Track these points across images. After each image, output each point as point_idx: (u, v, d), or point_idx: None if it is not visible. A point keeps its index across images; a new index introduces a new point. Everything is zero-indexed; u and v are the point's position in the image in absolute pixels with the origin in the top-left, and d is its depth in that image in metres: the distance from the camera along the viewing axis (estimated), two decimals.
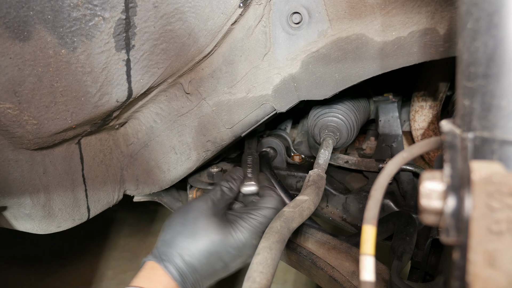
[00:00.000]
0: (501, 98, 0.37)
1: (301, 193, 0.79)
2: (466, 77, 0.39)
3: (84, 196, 0.92)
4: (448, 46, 0.68)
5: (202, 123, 0.92)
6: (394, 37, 0.72)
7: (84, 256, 2.26)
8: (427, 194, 0.40)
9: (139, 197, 1.26)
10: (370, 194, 0.49)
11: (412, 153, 0.49)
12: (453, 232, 0.38)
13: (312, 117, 1.06)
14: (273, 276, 0.59)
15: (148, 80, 0.80)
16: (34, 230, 0.89)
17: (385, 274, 0.87)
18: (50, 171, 0.83)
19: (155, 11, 0.72)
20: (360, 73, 0.77)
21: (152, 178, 1.02)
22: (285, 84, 0.83)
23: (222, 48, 0.83)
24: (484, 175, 0.35)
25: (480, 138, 0.38)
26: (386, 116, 1.10)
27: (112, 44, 0.71)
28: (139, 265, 0.76)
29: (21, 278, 2.12)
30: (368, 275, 0.46)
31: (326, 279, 0.91)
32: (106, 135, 0.95)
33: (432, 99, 1.06)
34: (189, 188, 1.25)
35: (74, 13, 0.66)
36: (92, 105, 0.77)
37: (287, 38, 0.80)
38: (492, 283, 0.35)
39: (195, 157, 0.97)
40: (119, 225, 2.51)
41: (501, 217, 0.34)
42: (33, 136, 0.73)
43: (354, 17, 0.73)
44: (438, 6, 0.67)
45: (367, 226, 0.48)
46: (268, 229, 0.66)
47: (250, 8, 0.78)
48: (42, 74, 0.68)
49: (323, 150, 0.94)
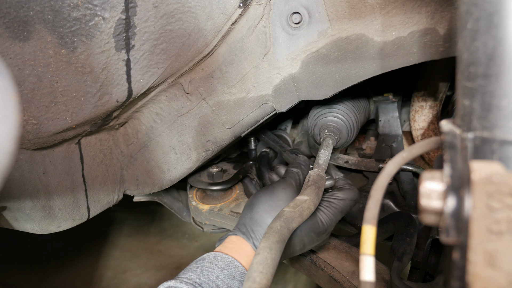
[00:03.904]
0: (501, 98, 0.37)
1: (301, 193, 0.79)
2: (466, 77, 0.39)
3: (84, 196, 0.92)
4: (448, 46, 0.68)
5: (202, 123, 0.92)
6: (394, 37, 0.72)
7: (84, 256, 2.26)
8: (427, 194, 0.40)
9: (139, 197, 1.26)
10: (370, 194, 0.49)
11: (412, 153, 0.49)
12: (453, 232, 0.37)
13: (312, 117, 1.06)
14: (273, 276, 0.59)
15: (148, 80, 0.80)
16: (34, 230, 0.89)
17: (385, 274, 0.87)
18: (50, 171, 0.83)
19: (155, 11, 0.72)
20: (360, 73, 0.77)
21: (152, 178, 1.02)
22: (285, 84, 0.83)
23: (222, 48, 0.83)
24: (484, 175, 0.35)
25: (480, 138, 0.38)
26: (386, 116, 1.10)
27: (112, 44, 0.71)
28: (220, 237, 0.80)
29: (21, 278, 2.12)
30: (368, 275, 0.46)
31: (326, 279, 0.91)
32: (106, 135, 0.95)
33: (432, 99, 1.06)
34: (189, 188, 1.25)
35: (74, 13, 0.66)
36: (92, 105, 0.77)
37: (287, 38, 0.80)
38: (492, 283, 0.35)
39: (195, 157, 0.96)
40: (119, 225, 2.51)
41: (501, 217, 0.34)
42: (33, 136, 0.73)
43: (354, 17, 0.73)
44: (438, 6, 0.67)
45: (367, 226, 0.48)
46: (268, 229, 0.65)
47: (250, 8, 0.78)
48: (42, 74, 0.68)
49: (323, 150, 0.94)
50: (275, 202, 0.79)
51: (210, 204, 1.17)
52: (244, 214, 0.81)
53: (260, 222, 0.77)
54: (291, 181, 0.83)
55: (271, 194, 0.80)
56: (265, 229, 0.75)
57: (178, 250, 2.29)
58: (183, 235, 2.42)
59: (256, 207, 0.79)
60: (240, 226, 0.80)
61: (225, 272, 0.70)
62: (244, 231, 0.78)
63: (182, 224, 2.48)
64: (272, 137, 1.19)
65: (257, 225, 0.77)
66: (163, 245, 2.34)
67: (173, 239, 2.39)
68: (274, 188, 0.82)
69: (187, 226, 2.46)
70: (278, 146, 1.14)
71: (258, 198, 0.81)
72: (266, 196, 0.80)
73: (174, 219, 2.52)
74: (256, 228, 0.77)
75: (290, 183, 0.83)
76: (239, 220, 0.81)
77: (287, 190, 0.80)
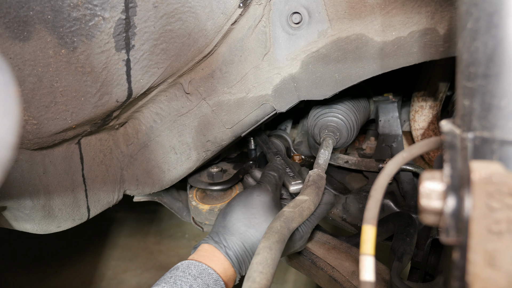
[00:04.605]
0: (501, 98, 0.37)
1: (301, 193, 0.79)
2: (466, 77, 0.39)
3: (84, 196, 0.92)
4: (448, 46, 0.68)
5: (202, 123, 0.92)
6: (394, 37, 0.72)
7: (84, 256, 2.26)
8: (427, 194, 0.40)
9: (139, 197, 1.26)
10: (370, 194, 0.49)
11: (412, 153, 0.49)
12: (453, 232, 0.37)
13: (312, 117, 1.06)
14: (273, 276, 0.59)
15: (148, 80, 0.80)
16: (34, 230, 0.89)
17: (385, 274, 0.87)
18: (50, 171, 0.83)
19: (155, 11, 0.72)
20: (360, 73, 0.77)
21: (152, 178, 1.02)
22: (285, 84, 0.83)
23: (222, 48, 0.83)
24: (484, 175, 0.35)
25: (480, 138, 0.38)
26: (386, 116, 1.10)
27: (112, 44, 0.71)
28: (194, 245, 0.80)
29: (21, 278, 2.12)
30: (368, 275, 0.46)
31: (326, 279, 0.91)
32: (106, 135, 0.95)
33: (432, 99, 1.06)
34: (189, 188, 1.25)
35: (74, 13, 0.66)
36: (92, 105, 0.77)
37: (287, 38, 0.80)
38: (492, 283, 0.35)
39: (195, 157, 0.96)
40: (119, 225, 2.51)
41: (501, 217, 0.34)
42: (33, 136, 0.73)
43: (354, 17, 0.73)
44: (438, 6, 0.67)
45: (367, 226, 0.48)
46: (268, 229, 0.66)
47: (250, 8, 0.78)
48: (42, 74, 0.68)
49: (323, 150, 0.94)
50: (248, 210, 0.78)
51: (210, 204, 1.17)
52: (218, 222, 0.80)
53: (232, 230, 0.77)
54: (267, 186, 0.83)
55: (244, 201, 0.80)
56: (238, 237, 0.76)
57: (178, 250, 2.29)
58: (183, 235, 2.42)
59: (229, 215, 0.79)
60: (213, 234, 0.79)
61: (198, 281, 0.69)
62: (216, 240, 0.77)
63: (182, 224, 2.48)
64: (263, 138, 1.19)
65: (230, 234, 0.76)
66: (163, 245, 2.34)
67: (173, 239, 2.39)
68: (248, 195, 0.81)
69: (187, 226, 2.46)
70: (265, 147, 1.14)
71: (231, 206, 0.80)
72: (240, 204, 0.80)
73: (174, 219, 2.52)
74: (228, 237, 0.76)
75: (266, 188, 0.82)
76: (213, 228, 0.81)
77: (261, 197, 0.80)
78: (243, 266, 0.77)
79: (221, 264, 0.74)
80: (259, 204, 0.79)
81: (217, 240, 0.77)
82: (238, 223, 0.77)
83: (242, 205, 0.79)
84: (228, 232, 0.77)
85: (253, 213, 0.78)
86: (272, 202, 0.80)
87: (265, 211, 0.78)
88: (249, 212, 0.78)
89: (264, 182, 0.84)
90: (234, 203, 0.81)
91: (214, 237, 0.78)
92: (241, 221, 0.77)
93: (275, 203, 0.81)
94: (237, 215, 0.78)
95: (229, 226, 0.78)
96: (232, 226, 0.77)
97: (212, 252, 0.76)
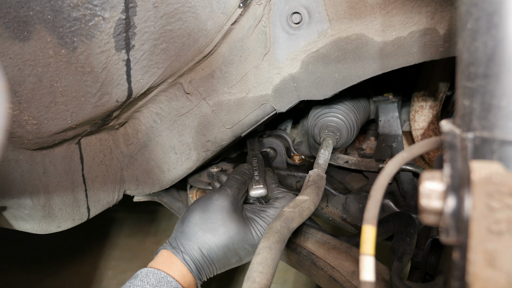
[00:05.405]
0: (501, 98, 0.37)
1: (301, 193, 0.79)
2: (466, 77, 0.39)
3: (84, 196, 0.92)
4: (448, 46, 0.68)
5: (202, 123, 0.92)
6: (394, 37, 0.72)
7: (84, 256, 2.26)
8: (427, 194, 0.40)
9: (139, 197, 1.27)
10: (370, 194, 0.49)
11: (412, 153, 0.49)
12: (453, 232, 0.37)
13: (312, 117, 1.06)
14: (273, 276, 0.59)
15: (148, 80, 0.80)
16: (34, 230, 0.89)
17: (385, 274, 0.87)
18: (50, 171, 0.83)
19: (155, 11, 0.72)
20: (360, 73, 0.77)
21: (152, 178, 1.02)
22: (285, 84, 0.83)
23: (222, 48, 0.83)
24: (484, 175, 0.35)
25: (480, 138, 0.38)
26: (386, 116, 1.10)
27: (112, 44, 0.71)
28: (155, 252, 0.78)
29: (21, 278, 2.12)
30: (368, 275, 0.46)
31: (326, 279, 0.91)
32: (106, 135, 0.95)
33: (432, 99, 1.06)
34: (189, 188, 1.25)
35: (74, 13, 0.66)
36: (92, 105, 0.77)
37: (287, 38, 0.80)
38: (492, 283, 0.35)
39: (195, 157, 0.96)
40: (119, 225, 2.50)
41: (501, 217, 0.34)
42: (33, 136, 0.73)
43: (354, 17, 0.73)
44: (438, 6, 0.67)
45: (367, 226, 0.48)
46: (268, 229, 0.66)
47: (250, 8, 0.78)
48: (42, 74, 0.68)
49: (323, 150, 0.94)
50: (206, 214, 0.77)
51: None
52: (176, 228, 0.80)
53: (190, 236, 0.76)
54: (227, 190, 0.82)
55: (203, 206, 0.79)
56: (195, 242, 0.75)
57: None
58: None
59: (188, 220, 0.78)
60: (171, 240, 0.79)
61: None
62: (174, 245, 0.77)
63: None
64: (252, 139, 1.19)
65: (187, 239, 0.76)
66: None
67: None
68: (206, 199, 0.80)
69: None
70: (250, 148, 1.15)
71: (190, 211, 0.80)
72: (198, 209, 0.79)
73: (174, 219, 2.52)
74: (186, 242, 0.76)
75: (225, 192, 0.81)
76: (172, 234, 0.80)
77: (220, 201, 0.79)
78: (203, 272, 0.76)
79: (179, 270, 0.73)
80: (216, 209, 0.78)
81: (175, 245, 0.76)
82: (195, 228, 0.76)
83: (200, 210, 0.79)
84: (186, 237, 0.76)
85: (210, 217, 0.77)
86: (231, 206, 0.79)
87: (222, 216, 0.77)
88: (206, 217, 0.77)
89: (225, 186, 0.83)
90: (192, 207, 0.80)
91: (172, 242, 0.77)
92: (198, 226, 0.76)
93: (234, 207, 0.79)
94: (195, 219, 0.77)
95: (186, 231, 0.77)
96: (190, 231, 0.76)
97: (169, 259, 0.75)
